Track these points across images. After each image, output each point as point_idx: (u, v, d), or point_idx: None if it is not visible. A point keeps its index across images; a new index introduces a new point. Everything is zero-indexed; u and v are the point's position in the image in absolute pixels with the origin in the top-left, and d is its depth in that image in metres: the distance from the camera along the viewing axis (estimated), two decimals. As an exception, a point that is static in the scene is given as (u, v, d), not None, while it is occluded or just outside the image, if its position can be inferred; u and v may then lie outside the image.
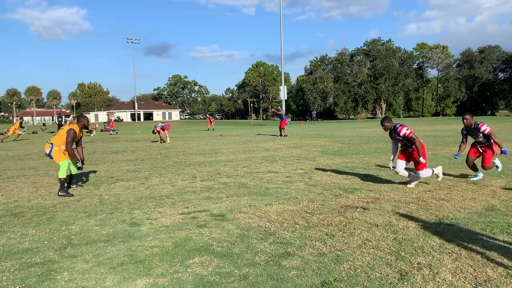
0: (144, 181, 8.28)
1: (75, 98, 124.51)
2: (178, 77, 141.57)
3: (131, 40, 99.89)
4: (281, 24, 47.44)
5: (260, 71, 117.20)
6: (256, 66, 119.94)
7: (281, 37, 47.65)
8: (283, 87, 48.79)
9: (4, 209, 5.96)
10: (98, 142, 21.20)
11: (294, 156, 12.17)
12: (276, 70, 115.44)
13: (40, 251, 4.10)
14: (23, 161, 12.51)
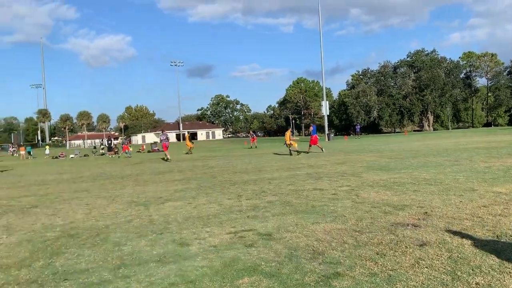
0: (191, 200, 8.43)
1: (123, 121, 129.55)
2: (220, 97, 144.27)
3: (175, 63, 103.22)
4: (321, 40, 47.50)
5: (301, 87, 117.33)
6: (297, 82, 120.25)
7: (321, 53, 47.66)
8: (325, 102, 48.53)
9: (61, 231, 6.25)
10: (146, 163, 21.86)
11: (339, 172, 12.00)
12: (317, 86, 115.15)
13: (96, 271, 4.26)
14: (76, 184, 13.10)
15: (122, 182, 12.69)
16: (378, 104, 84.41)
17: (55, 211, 8.10)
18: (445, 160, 13.75)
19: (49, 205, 8.84)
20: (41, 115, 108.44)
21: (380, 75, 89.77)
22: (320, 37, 47.54)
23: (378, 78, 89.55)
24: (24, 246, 5.44)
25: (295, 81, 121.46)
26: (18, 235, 6.11)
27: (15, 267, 4.56)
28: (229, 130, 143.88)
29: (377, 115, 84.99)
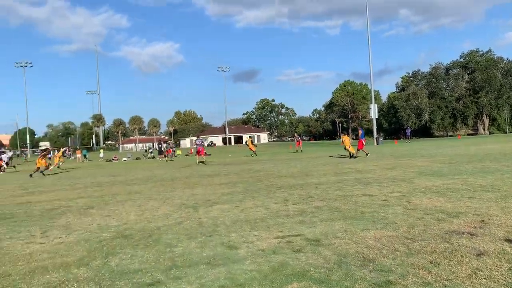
0: (238, 204, 8.53)
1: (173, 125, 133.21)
2: (266, 101, 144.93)
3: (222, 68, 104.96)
4: (369, 42, 46.61)
5: (348, 90, 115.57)
6: (344, 85, 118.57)
7: (369, 54, 46.75)
8: (373, 105, 47.51)
9: (116, 231, 6.51)
10: (194, 167, 22.33)
11: (389, 177, 11.70)
12: (365, 88, 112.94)
13: (149, 271, 4.41)
14: (129, 186, 13.60)
15: (172, 185, 13.04)
16: (429, 106, 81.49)
17: (110, 212, 8.45)
18: (503, 165, 13.05)
19: (104, 207, 9.24)
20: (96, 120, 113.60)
21: (431, 77, 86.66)
22: (368, 38, 46.68)
23: (429, 80, 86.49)
24: (82, 245, 5.72)
25: (342, 84, 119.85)
26: (76, 235, 6.43)
27: (74, 265, 4.80)
28: (274, 134, 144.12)
29: (429, 118, 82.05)
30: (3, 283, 4.29)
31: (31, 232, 6.80)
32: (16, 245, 5.96)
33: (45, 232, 6.73)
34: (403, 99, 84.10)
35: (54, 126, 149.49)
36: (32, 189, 14.49)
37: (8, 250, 5.68)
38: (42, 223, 7.60)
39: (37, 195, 12.29)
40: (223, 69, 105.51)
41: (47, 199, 11.12)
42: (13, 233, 6.83)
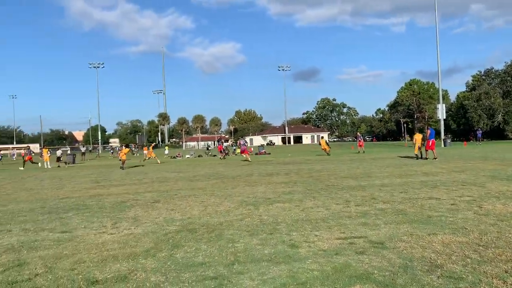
0: (298, 203, 8.50)
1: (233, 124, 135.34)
2: (326, 100, 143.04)
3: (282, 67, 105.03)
4: (437, 39, 44.48)
5: (414, 89, 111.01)
6: (410, 84, 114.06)
7: (437, 52, 44.61)
8: (441, 105, 45.28)
9: (180, 225, 6.75)
10: (254, 165, 22.56)
11: (459, 181, 11.10)
12: (432, 87, 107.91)
13: (212, 265, 4.52)
14: (192, 182, 14.03)
15: (233, 182, 13.27)
16: (503, 107, 76.15)
17: (175, 206, 8.77)
18: None
19: (169, 201, 9.60)
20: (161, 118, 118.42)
21: (506, 75, 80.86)
22: (437, 35, 44.54)
23: (504, 78, 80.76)
24: (149, 237, 5.98)
25: (408, 82, 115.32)
26: (143, 227, 6.75)
27: (142, 255, 5.04)
28: (334, 134, 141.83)
29: (502, 120, 76.69)
30: (78, 269, 4.60)
31: (102, 223, 7.22)
32: (90, 234, 6.36)
33: (116, 224, 7.12)
34: (473, 98, 79.28)
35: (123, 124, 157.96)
36: (103, 182, 15.38)
37: (83, 238, 6.08)
38: (113, 214, 8.05)
39: (108, 189, 13.03)
40: (283, 68, 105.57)
41: (117, 193, 11.76)
42: (87, 223, 7.30)
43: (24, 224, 7.40)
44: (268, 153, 42.30)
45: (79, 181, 16.33)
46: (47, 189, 13.55)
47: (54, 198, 11.08)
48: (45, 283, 4.14)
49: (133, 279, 4.18)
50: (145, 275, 4.28)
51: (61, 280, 4.21)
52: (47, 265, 4.78)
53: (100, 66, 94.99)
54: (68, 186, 14.50)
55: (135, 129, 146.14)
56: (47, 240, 6.03)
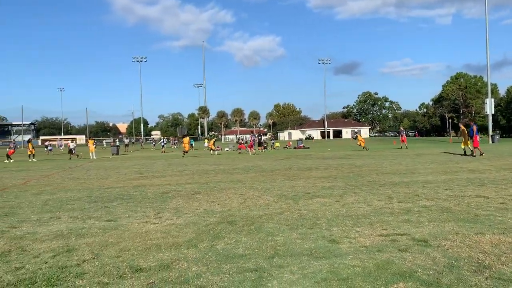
0: (339, 198, 8.39)
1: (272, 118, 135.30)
2: (368, 94, 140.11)
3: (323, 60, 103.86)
4: (486, 31, 42.43)
5: (461, 83, 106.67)
6: (456, 77, 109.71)
7: (486, 45, 42.59)
8: (489, 99, 43.28)
9: (221, 217, 6.83)
10: (293, 159, 22.48)
11: (509, 179, 10.59)
12: (480, 81, 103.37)
13: (252, 258, 4.55)
14: (232, 175, 14.16)
15: (272, 176, 13.28)
16: (558, 102, 71.88)
17: (214, 198, 8.89)
18: None
19: (209, 193, 9.74)
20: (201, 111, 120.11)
21: (562, 68, 76.15)
22: (486, 27, 42.48)
23: (559, 71, 76.10)
24: (190, 228, 6.10)
25: (454, 76, 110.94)
26: (185, 218, 6.88)
27: (184, 245, 5.14)
28: (376, 129, 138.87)
29: (557, 115, 72.44)
30: (123, 256, 4.75)
31: (146, 213, 7.43)
32: (134, 223, 6.56)
33: (158, 214, 7.31)
34: (525, 93, 75.25)
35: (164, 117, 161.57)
36: (146, 173, 15.81)
37: (127, 227, 6.27)
38: (155, 205, 8.27)
39: (150, 179, 13.38)
40: (324, 61, 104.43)
41: (159, 183, 12.06)
42: (131, 212, 7.53)
43: (72, 212, 7.74)
44: (306, 147, 42.02)
45: (123, 172, 16.87)
46: (93, 179, 14.09)
47: (100, 187, 11.51)
48: (92, 269, 4.31)
49: (176, 268, 4.27)
50: (187, 265, 4.36)
51: (107, 267, 4.37)
52: (94, 252, 4.97)
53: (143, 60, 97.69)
54: (113, 176, 15.01)
55: (176, 122, 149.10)
56: (94, 228, 6.27)
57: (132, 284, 3.85)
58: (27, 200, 9.31)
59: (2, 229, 6.35)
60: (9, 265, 4.53)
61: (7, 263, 4.59)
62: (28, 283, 3.95)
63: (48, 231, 6.14)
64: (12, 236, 5.88)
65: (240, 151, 33.95)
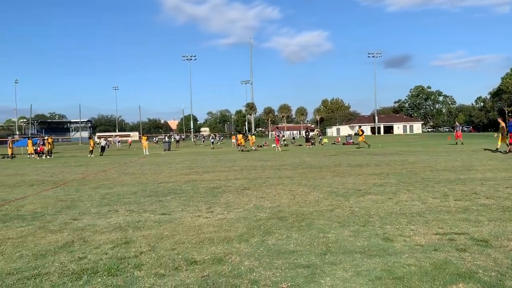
0: (392, 196, 8.18)
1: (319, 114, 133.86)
2: (421, 88, 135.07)
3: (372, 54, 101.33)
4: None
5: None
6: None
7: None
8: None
9: (270, 213, 6.87)
10: (342, 155, 22.15)
11: None
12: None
13: (304, 254, 4.54)
14: (280, 171, 14.18)
15: (321, 172, 13.16)
16: None
17: (264, 194, 8.94)
18: None
19: (258, 188, 9.82)
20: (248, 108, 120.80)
21: None
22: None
23: None
24: (241, 223, 6.18)
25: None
26: (236, 213, 6.98)
27: (235, 240, 5.22)
28: (429, 124, 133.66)
29: None
30: (178, 249, 4.90)
31: (198, 207, 7.61)
32: (187, 217, 6.74)
33: (210, 208, 7.46)
34: None
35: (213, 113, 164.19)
36: (196, 169, 16.17)
37: (181, 221, 6.46)
38: (207, 199, 8.45)
39: (201, 175, 13.67)
40: (374, 55, 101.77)
41: (210, 179, 12.30)
42: (183, 206, 7.75)
43: (129, 205, 8.07)
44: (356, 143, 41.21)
45: (174, 167, 17.35)
46: (147, 174, 14.60)
47: (154, 182, 11.91)
48: (149, 261, 4.48)
49: (228, 262, 4.35)
50: (239, 259, 4.43)
51: (163, 259, 4.53)
52: (150, 244, 5.17)
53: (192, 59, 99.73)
54: (165, 171, 15.48)
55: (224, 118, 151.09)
56: (149, 221, 6.50)
57: (187, 276, 3.97)
58: (87, 194, 9.82)
59: (65, 220, 6.74)
60: (73, 255, 4.80)
61: (71, 253, 4.87)
62: (91, 272, 4.17)
63: (107, 223, 6.45)
64: (75, 227, 6.23)
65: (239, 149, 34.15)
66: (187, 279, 3.88)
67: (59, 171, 17.25)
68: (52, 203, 8.52)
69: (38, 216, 7.16)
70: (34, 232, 5.95)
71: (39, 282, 3.93)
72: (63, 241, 5.40)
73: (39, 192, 10.39)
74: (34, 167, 20.13)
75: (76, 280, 3.95)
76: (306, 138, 38.40)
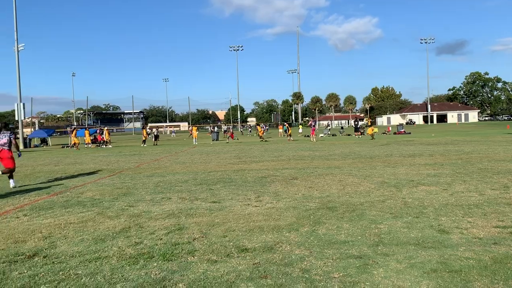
0: (446, 187, 7.88)
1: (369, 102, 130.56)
2: (477, 74, 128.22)
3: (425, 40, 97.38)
4: None
5: None
6: None
7: None
8: None
9: (320, 203, 6.83)
10: (393, 145, 21.56)
11: None
12: None
13: (355, 244, 4.48)
14: (328, 161, 14.03)
15: (371, 163, 12.88)
16: None
17: (312, 184, 8.89)
18: None
19: (307, 178, 9.77)
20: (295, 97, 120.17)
21: None
22: None
23: None
24: (290, 212, 6.19)
25: None
26: (284, 202, 7.00)
27: (285, 229, 5.24)
28: (486, 112, 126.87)
29: None
30: (229, 236, 4.99)
31: (247, 196, 7.70)
32: (236, 205, 6.84)
33: (259, 197, 7.53)
34: None
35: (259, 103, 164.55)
36: (244, 158, 16.33)
37: (231, 209, 6.56)
38: (255, 188, 8.52)
39: (249, 164, 13.80)
40: (426, 41, 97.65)
41: (258, 168, 12.39)
42: (233, 195, 7.86)
43: (181, 193, 8.30)
44: (408, 133, 39.96)
45: (223, 157, 17.62)
46: (197, 163, 14.93)
47: (203, 171, 12.17)
48: (202, 247, 4.60)
49: (279, 250, 4.38)
50: (290, 248, 4.45)
51: (215, 245, 4.63)
52: (202, 230, 5.30)
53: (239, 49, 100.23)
54: (214, 161, 15.76)
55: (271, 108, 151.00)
56: (201, 209, 6.66)
57: (238, 263, 4.04)
58: (141, 182, 10.20)
59: (122, 207, 7.05)
60: (130, 240, 5.02)
61: (128, 238, 5.09)
62: (147, 257, 4.34)
63: (161, 210, 6.68)
64: (131, 214, 6.50)
65: (228, 141, 34.00)
66: (238, 266, 3.95)
67: (114, 160, 18.02)
68: (109, 191, 8.94)
69: (97, 203, 7.54)
70: (94, 218, 6.27)
71: (100, 265, 4.14)
72: (120, 227, 5.65)
73: (97, 180, 10.92)
74: (92, 156, 21.14)
75: (133, 264, 4.13)
76: (355, 127, 37.70)
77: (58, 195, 8.55)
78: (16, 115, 39.88)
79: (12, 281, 3.76)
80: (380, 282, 3.45)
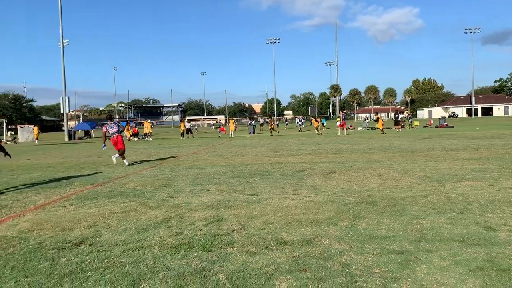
0: (493, 182, 7.56)
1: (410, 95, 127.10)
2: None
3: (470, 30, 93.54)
4: None
5: None
6: None
7: None
8: None
9: (359, 197, 6.72)
10: (435, 139, 20.90)
11: None
12: None
13: (396, 240, 4.39)
14: (368, 155, 13.77)
15: (413, 157, 12.55)
16: None
17: (351, 178, 8.77)
18: None
19: (345, 172, 9.64)
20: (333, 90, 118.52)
21: None
22: None
23: None
24: (329, 206, 6.13)
25: None
26: (323, 196, 6.94)
27: (324, 223, 5.20)
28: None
29: None
30: (267, 229, 5.01)
31: (284, 189, 7.69)
32: (274, 198, 6.85)
33: (296, 190, 7.51)
34: None
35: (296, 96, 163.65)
36: (281, 151, 16.30)
37: (269, 202, 6.58)
38: (293, 182, 8.50)
39: (286, 157, 13.77)
40: (471, 30, 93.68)
41: (295, 161, 12.34)
42: (270, 188, 7.88)
43: (219, 185, 8.40)
44: (450, 126, 38.60)
45: (260, 150, 17.67)
46: (234, 156, 15.05)
47: (241, 164, 12.25)
48: (241, 239, 4.64)
49: (318, 244, 4.36)
50: (329, 242, 4.41)
51: (253, 238, 4.67)
52: (241, 222, 5.35)
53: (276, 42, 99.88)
54: (251, 153, 15.83)
55: (307, 101, 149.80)
56: (239, 201, 6.72)
57: (277, 255, 4.05)
58: (181, 174, 10.40)
59: (163, 198, 7.22)
60: (171, 230, 5.14)
61: (169, 228, 5.22)
62: (187, 247, 4.43)
63: (200, 201, 6.79)
64: (171, 204, 6.65)
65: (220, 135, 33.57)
66: (277, 259, 3.96)
67: (154, 152, 18.46)
68: (150, 182, 9.17)
69: (139, 193, 7.76)
70: (136, 208, 6.46)
71: (142, 254, 4.27)
72: (161, 217, 5.79)
73: (138, 172, 11.23)
74: (133, 148, 21.75)
75: (174, 254, 4.23)
76: (395, 121, 36.76)
77: (102, 186, 8.86)
78: (61, 108, 41.65)
79: (61, 267, 3.94)
80: (423, 279, 3.36)
